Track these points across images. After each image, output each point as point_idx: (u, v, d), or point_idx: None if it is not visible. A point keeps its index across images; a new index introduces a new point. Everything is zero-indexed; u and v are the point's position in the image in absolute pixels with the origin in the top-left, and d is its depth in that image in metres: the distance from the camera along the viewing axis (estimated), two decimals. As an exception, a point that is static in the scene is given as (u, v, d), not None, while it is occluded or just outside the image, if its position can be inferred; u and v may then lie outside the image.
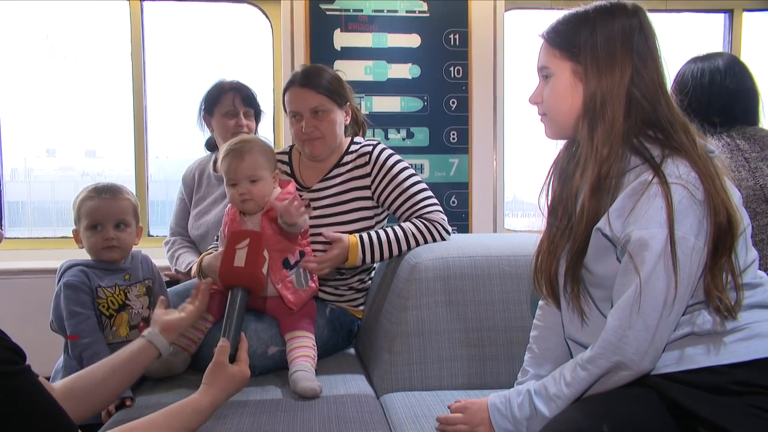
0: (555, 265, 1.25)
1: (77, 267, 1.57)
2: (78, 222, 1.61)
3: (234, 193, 1.71)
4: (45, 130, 3.51)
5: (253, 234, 1.50)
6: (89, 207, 1.58)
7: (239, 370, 1.24)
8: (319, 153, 1.87)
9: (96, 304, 1.55)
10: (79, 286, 1.53)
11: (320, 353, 1.79)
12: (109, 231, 1.57)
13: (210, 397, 1.18)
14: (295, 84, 1.86)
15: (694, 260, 1.05)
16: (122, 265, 1.63)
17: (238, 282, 1.39)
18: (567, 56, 1.19)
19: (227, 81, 2.44)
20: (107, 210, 1.58)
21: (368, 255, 1.76)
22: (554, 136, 1.27)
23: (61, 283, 1.54)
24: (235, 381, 1.23)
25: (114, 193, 1.61)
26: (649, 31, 1.17)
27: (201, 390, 1.19)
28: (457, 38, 3.08)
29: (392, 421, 1.42)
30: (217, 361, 1.23)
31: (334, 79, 1.88)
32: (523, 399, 1.18)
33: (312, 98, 1.83)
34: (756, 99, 1.88)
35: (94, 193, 1.59)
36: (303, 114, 1.84)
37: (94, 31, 3.33)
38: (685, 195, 1.05)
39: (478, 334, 1.62)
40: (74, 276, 1.54)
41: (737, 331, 1.09)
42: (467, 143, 3.12)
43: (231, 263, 1.41)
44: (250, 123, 2.40)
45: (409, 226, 1.78)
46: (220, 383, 1.20)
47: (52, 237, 3.25)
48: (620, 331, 1.07)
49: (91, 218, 1.57)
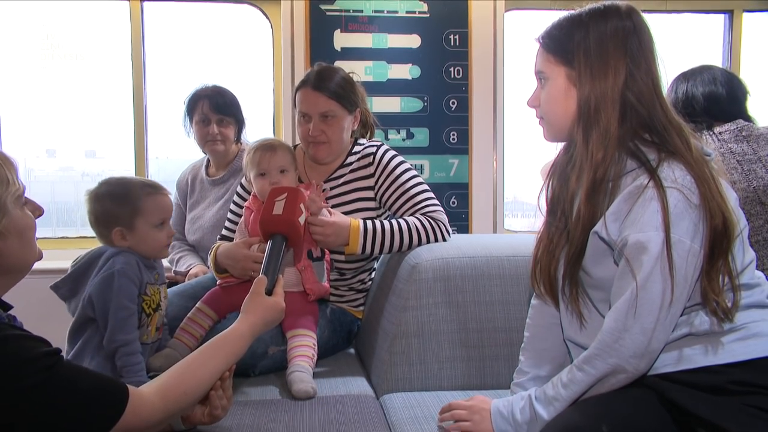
0: (554, 265, 1.25)
1: (130, 255, 1.46)
2: (134, 218, 1.46)
3: (264, 183, 1.73)
4: (45, 130, 3.51)
5: (291, 189, 1.57)
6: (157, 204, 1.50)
7: (275, 301, 1.33)
8: (322, 157, 1.87)
9: (141, 300, 1.47)
10: (132, 277, 1.44)
11: (320, 353, 1.79)
12: (171, 229, 1.54)
13: (249, 324, 1.26)
14: (308, 85, 1.84)
15: (690, 263, 1.06)
16: (154, 264, 1.55)
17: (277, 228, 1.47)
18: (561, 61, 1.19)
19: (205, 87, 2.42)
20: (171, 207, 1.56)
21: (369, 243, 1.73)
22: (552, 139, 1.28)
23: (113, 269, 1.43)
24: (272, 310, 1.31)
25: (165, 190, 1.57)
26: (643, 33, 1.16)
27: (240, 318, 1.28)
28: (457, 39, 3.09)
29: (392, 421, 1.42)
30: (254, 291, 1.32)
31: (347, 84, 1.87)
32: (525, 403, 1.19)
33: (323, 103, 1.82)
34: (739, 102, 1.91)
35: (153, 189, 1.52)
36: (312, 116, 1.83)
37: (94, 32, 3.33)
38: (681, 199, 1.06)
39: (478, 334, 1.62)
40: (128, 265, 1.44)
41: (735, 331, 1.09)
42: (467, 144, 3.12)
43: (270, 212, 1.49)
44: (224, 131, 2.37)
45: (413, 220, 1.77)
46: (258, 311, 1.29)
47: (53, 237, 3.25)
48: (617, 333, 1.07)
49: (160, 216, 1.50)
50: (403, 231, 1.74)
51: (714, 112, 1.88)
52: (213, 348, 1.20)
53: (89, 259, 1.49)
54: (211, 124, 2.36)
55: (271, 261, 1.41)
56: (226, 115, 2.38)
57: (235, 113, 2.42)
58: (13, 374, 0.93)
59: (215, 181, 2.45)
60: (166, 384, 1.10)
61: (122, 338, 1.40)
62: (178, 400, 1.10)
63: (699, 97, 1.87)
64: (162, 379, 1.11)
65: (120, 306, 1.41)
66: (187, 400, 1.12)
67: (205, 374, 1.15)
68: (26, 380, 0.93)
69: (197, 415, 1.28)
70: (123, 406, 1.01)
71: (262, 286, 1.33)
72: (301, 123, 1.86)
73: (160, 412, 1.06)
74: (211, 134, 2.36)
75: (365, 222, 1.74)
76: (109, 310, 1.41)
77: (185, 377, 1.13)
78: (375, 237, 1.73)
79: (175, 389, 1.10)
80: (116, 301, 1.41)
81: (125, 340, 1.40)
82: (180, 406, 1.11)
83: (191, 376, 1.13)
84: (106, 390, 1.01)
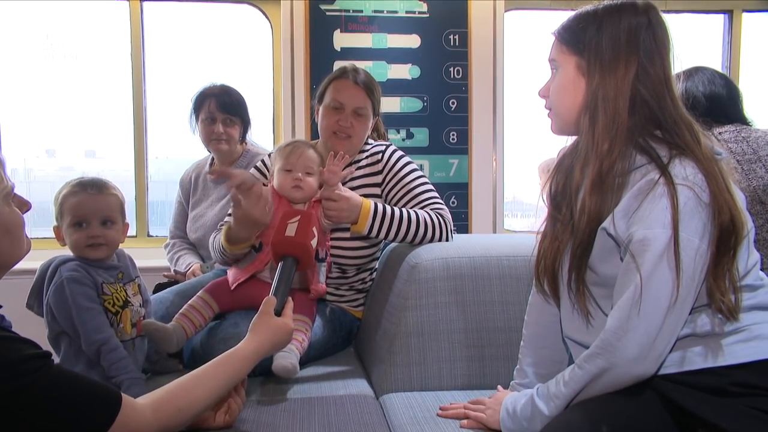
0: (559, 261, 1.24)
1: (73, 262, 1.47)
2: (60, 218, 1.50)
3: (288, 178, 1.74)
4: (45, 130, 3.51)
5: (305, 212, 1.57)
6: (73, 203, 1.48)
7: (284, 322, 1.30)
8: (341, 150, 1.87)
9: (101, 300, 1.46)
10: (83, 281, 1.44)
11: (320, 353, 1.79)
12: (95, 228, 1.47)
13: (255, 344, 1.23)
14: (348, 77, 1.88)
15: (698, 263, 1.05)
16: (115, 264, 1.56)
17: (289, 250, 1.47)
18: (573, 51, 1.20)
19: (212, 85, 2.43)
20: (92, 206, 1.48)
21: (377, 224, 1.71)
22: (559, 131, 1.28)
23: (61, 278, 1.43)
24: (280, 331, 1.28)
25: (99, 188, 1.51)
26: (658, 28, 1.17)
27: (246, 338, 1.24)
28: (457, 39, 3.09)
29: (391, 421, 1.42)
30: (263, 311, 1.30)
31: (378, 89, 1.93)
32: (527, 399, 1.19)
33: (363, 98, 1.87)
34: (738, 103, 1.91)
35: (78, 188, 1.49)
36: (346, 108, 1.86)
37: (94, 32, 3.33)
38: (692, 197, 1.05)
39: (478, 334, 1.62)
40: (74, 270, 1.45)
41: (737, 333, 1.08)
42: (467, 144, 3.12)
43: (283, 233, 1.49)
44: (229, 130, 2.38)
45: (423, 213, 1.77)
46: (266, 332, 1.26)
47: (52, 237, 3.24)
48: (620, 332, 1.05)
49: (74, 215, 1.47)
50: (411, 220, 1.74)
51: (715, 112, 1.88)
52: (214, 367, 1.17)
53: (40, 272, 1.50)
54: (217, 122, 2.36)
55: (281, 282, 1.40)
56: (232, 115, 2.38)
57: (242, 113, 2.42)
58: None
59: (218, 180, 2.45)
60: (162, 399, 1.09)
61: (99, 337, 1.40)
62: (172, 416, 1.08)
63: (701, 97, 1.87)
64: (158, 393, 1.09)
65: (81, 309, 1.41)
66: (181, 416, 1.10)
67: (203, 393, 1.13)
68: (12, 383, 0.91)
69: (209, 420, 1.28)
70: (115, 414, 0.99)
71: (272, 306, 1.31)
72: (329, 113, 1.87)
73: (152, 426, 1.04)
74: (216, 133, 2.36)
75: (376, 204, 1.74)
76: (73, 316, 1.41)
77: (182, 394, 1.11)
78: (384, 220, 1.72)
79: (169, 405, 1.08)
80: (75, 307, 1.41)
81: (102, 339, 1.40)
82: (174, 423, 1.09)
83: (188, 393, 1.12)
84: (97, 396, 0.99)
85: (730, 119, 1.90)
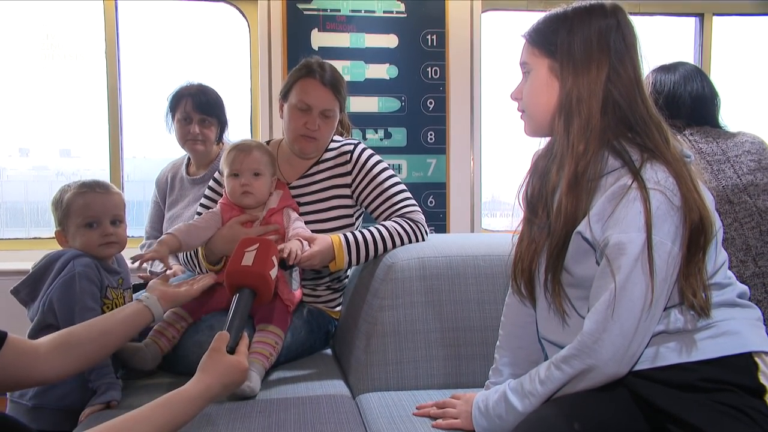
0: (536, 263, 1.25)
1: (88, 258, 1.46)
2: (66, 220, 1.51)
3: (235, 185, 1.71)
4: (18, 129, 3.45)
5: (264, 240, 1.49)
6: (82, 204, 1.49)
7: (237, 360, 1.18)
8: (310, 152, 1.86)
9: (101, 304, 1.45)
10: (93, 279, 1.44)
11: (297, 354, 1.79)
12: (107, 227, 1.50)
13: (203, 385, 1.11)
14: (316, 77, 1.80)
15: (670, 265, 1.07)
16: (117, 268, 1.55)
17: (245, 281, 1.37)
18: (544, 53, 1.21)
19: (189, 85, 2.40)
20: (103, 205, 1.50)
21: (354, 256, 1.71)
22: (532, 133, 1.28)
23: (73, 271, 1.42)
24: (232, 370, 1.16)
25: (105, 187, 1.54)
26: (627, 30, 1.19)
27: (194, 378, 1.13)
28: (435, 39, 3.10)
29: (368, 421, 1.42)
30: (214, 348, 1.18)
31: (345, 86, 1.88)
32: (500, 396, 1.20)
33: (330, 101, 1.81)
34: (715, 104, 1.93)
35: (86, 189, 1.51)
36: (313, 110, 1.80)
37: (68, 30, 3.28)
38: (663, 201, 1.07)
39: (454, 333, 1.63)
40: (88, 267, 1.44)
41: (706, 329, 1.11)
42: (445, 143, 3.14)
43: (239, 262, 1.39)
44: (205, 131, 2.35)
45: (394, 225, 1.77)
46: (217, 370, 1.14)
47: (25, 238, 3.20)
48: (596, 334, 1.07)
49: (85, 215, 1.49)
50: (385, 238, 1.74)
51: (698, 114, 1.89)
52: (155, 408, 1.04)
53: (47, 262, 1.48)
54: (193, 123, 2.34)
55: (235, 316, 1.29)
56: (209, 115, 2.35)
57: (218, 113, 2.39)
58: None
59: (195, 180, 2.43)
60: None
61: None
62: None
63: (686, 97, 1.88)
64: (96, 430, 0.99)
65: (85, 308, 1.40)
66: None
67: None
68: None
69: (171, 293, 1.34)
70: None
71: (224, 343, 1.19)
72: (296, 115, 1.81)
73: None
74: (191, 133, 2.34)
75: (346, 236, 1.72)
76: (74, 313, 1.39)
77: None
78: (359, 249, 1.72)
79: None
80: (81, 304, 1.40)
81: None
82: None
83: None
84: None
85: (709, 121, 1.91)
